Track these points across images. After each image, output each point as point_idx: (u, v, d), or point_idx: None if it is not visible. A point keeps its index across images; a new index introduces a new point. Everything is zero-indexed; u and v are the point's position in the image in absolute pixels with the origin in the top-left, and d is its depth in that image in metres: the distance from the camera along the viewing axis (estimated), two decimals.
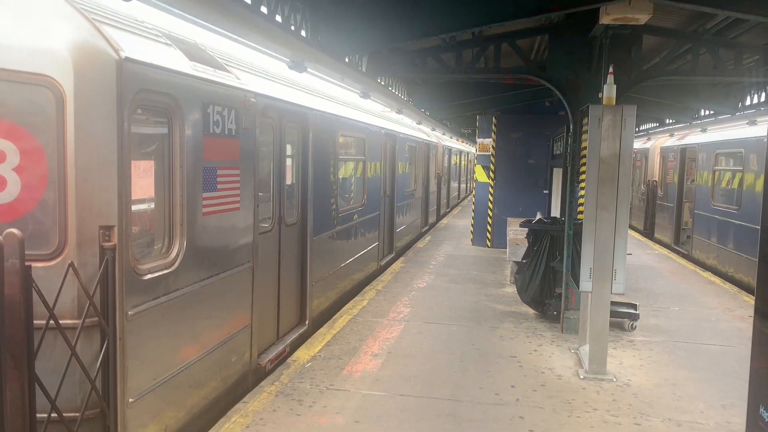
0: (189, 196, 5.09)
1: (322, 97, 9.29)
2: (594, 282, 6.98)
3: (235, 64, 6.44)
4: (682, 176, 17.61)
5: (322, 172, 8.90)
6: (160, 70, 4.61)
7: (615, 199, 6.84)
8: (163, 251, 4.98)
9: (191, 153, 5.09)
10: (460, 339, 8.31)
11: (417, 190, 18.43)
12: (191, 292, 5.23)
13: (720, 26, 8.77)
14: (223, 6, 4.46)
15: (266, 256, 7.12)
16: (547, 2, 6.15)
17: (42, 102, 3.91)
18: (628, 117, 6.73)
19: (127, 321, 4.33)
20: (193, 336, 5.35)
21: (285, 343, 7.67)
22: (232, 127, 5.78)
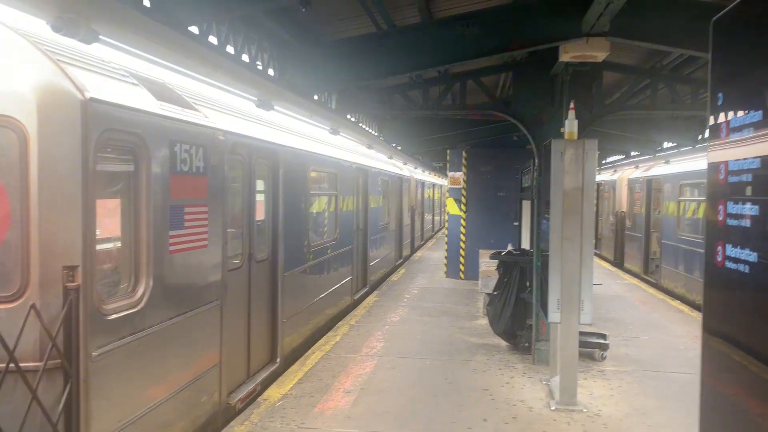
0: (155, 235, 5.08)
1: (293, 134, 9.38)
2: (562, 313, 7.06)
3: (204, 102, 6.51)
4: (648, 207, 17.98)
5: (294, 207, 8.93)
6: (126, 109, 4.65)
7: (580, 231, 6.97)
8: (128, 290, 4.95)
9: (158, 191, 5.10)
10: (433, 373, 8.30)
11: (390, 224, 18.50)
12: (158, 332, 5.18)
13: (676, 63, 9.12)
14: (186, 47, 4.53)
15: (235, 293, 7.07)
16: (507, 42, 6.36)
17: (5, 143, 3.94)
18: (589, 150, 6.91)
19: (91, 362, 4.27)
20: (160, 376, 5.28)
21: (255, 382, 7.57)
22: (200, 164, 5.82)
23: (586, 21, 6.09)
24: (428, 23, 6.86)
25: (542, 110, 8.76)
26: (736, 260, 2.12)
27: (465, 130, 14.29)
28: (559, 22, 6.30)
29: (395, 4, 6.67)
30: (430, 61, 6.77)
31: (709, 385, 2.38)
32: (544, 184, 8.73)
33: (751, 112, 2.05)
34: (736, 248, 2.11)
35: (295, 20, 6.69)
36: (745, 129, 2.10)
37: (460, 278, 16.77)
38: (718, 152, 2.29)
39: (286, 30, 6.54)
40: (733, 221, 2.16)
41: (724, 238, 2.22)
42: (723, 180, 2.25)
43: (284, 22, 6.43)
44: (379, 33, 6.93)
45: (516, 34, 6.36)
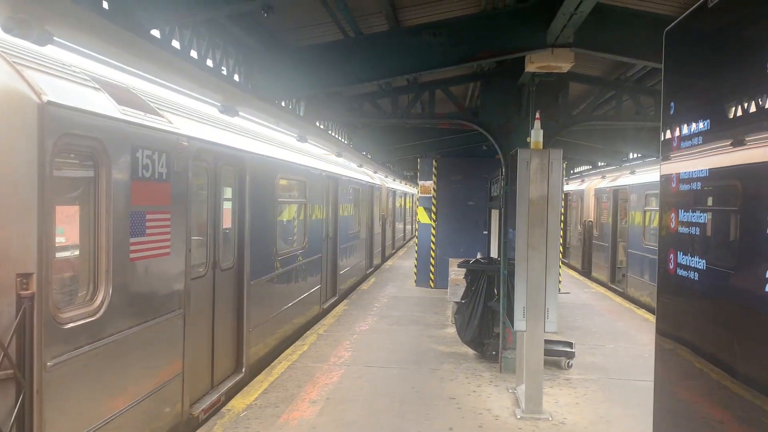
0: (116, 242, 5.00)
1: (261, 141, 9.32)
2: (527, 321, 7.09)
3: (169, 107, 6.44)
4: (615, 216, 18.25)
5: (261, 215, 8.84)
6: (85, 114, 4.58)
7: (545, 240, 7.03)
8: (87, 299, 4.85)
9: (118, 197, 5.03)
10: (400, 382, 8.26)
11: (361, 232, 18.47)
12: (117, 341, 5.08)
13: (639, 74, 9.28)
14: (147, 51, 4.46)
15: (199, 301, 6.98)
16: (474, 51, 6.39)
17: None
18: (554, 160, 6.97)
19: (45, 372, 4.15)
20: (119, 386, 5.19)
21: (220, 392, 7.45)
22: (162, 170, 5.74)
23: (551, 32, 6.16)
24: (396, 31, 6.88)
25: (509, 120, 8.83)
26: (687, 267, 2.14)
27: (435, 139, 14.35)
28: (525, 32, 6.36)
29: (362, 12, 6.66)
30: (397, 69, 6.77)
31: (662, 385, 2.41)
32: (511, 193, 8.80)
33: (700, 121, 2.08)
34: (687, 256, 2.14)
35: (261, 26, 6.64)
36: (695, 137, 2.13)
37: (430, 287, 16.79)
38: (671, 161, 2.32)
39: (251, 36, 6.48)
40: (684, 229, 2.18)
41: (676, 246, 2.25)
42: (675, 188, 2.27)
43: (250, 27, 6.37)
44: (346, 40, 6.92)
45: (483, 43, 6.40)
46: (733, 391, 1.83)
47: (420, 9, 6.83)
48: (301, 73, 6.94)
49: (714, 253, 1.95)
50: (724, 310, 1.86)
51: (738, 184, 1.83)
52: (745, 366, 1.76)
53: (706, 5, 2.03)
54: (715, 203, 1.96)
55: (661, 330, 2.43)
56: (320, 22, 6.79)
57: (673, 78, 2.39)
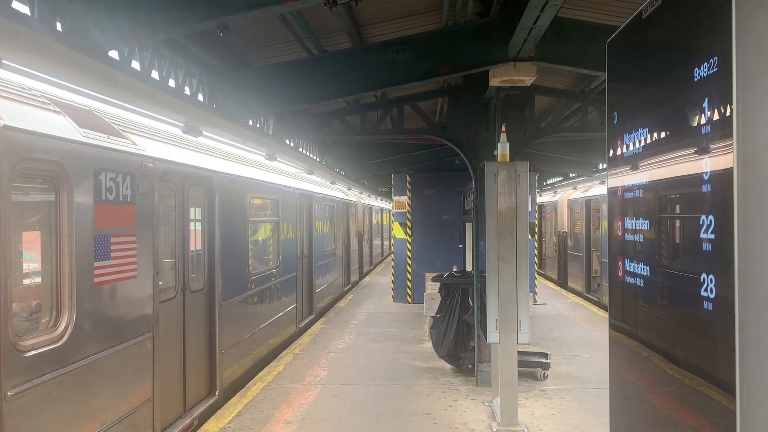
0: (79, 266, 4.94)
1: (230, 160, 9.30)
2: (500, 333, 7.10)
3: (133, 129, 6.40)
4: (588, 227, 18.42)
5: (232, 235, 8.78)
6: (44, 137, 4.54)
7: (515, 251, 7.06)
8: (50, 325, 4.77)
9: (81, 221, 4.98)
10: (376, 399, 8.20)
11: (337, 249, 18.42)
12: (83, 367, 4.99)
13: (603, 86, 9.43)
14: (103, 73, 4.42)
15: (169, 324, 6.89)
16: (437, 66, 6.45)
17: None
18: (521, 172, 7.03)
19: (5, 402, 4.05)
20: (86, 414, 5.08)
21: (193, 416, 7.34)
22: (127, 193, 5.71)
23: (512, 46, 6.24)
24: (359, 49, 6.92)
25: (477, 134, 8.90)
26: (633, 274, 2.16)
27: (407, 154, 14.41)
28: (487, 47, 6.44)
29: (325, 30, 6.70)
30: (362, 86, 6.80)
31: (615, 375, 2.45)
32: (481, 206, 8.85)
33: (640, 129, 2.11)
34: (633, 263, 2.16)
35: (224, 46, 6.64)
36: (636, 146, 2.16)
37: (407, 302, 16.75)
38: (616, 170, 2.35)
39: (214, 55, 6.47)
40: (629, 236, 2.21)
41: (623, 254, 2.27)
42: (620, 196, 2.30)
43: (212, 47, 6.36)
44: (310, 58, 6.95)
45: (446, 59, 6.47)
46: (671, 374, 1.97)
47: (383, 26, 6.89)
48: (266, 91, 6.93)
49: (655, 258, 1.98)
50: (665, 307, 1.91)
51: (675, 192, 1.87)
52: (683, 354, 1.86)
53: (640, 16, 2.07)
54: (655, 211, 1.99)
55: (613, 324, 2.49)
56: (283, 41, 6.81)
57: (615, 88, 2.43)
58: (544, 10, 5.17)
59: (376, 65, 6.59)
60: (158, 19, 4.10)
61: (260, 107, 7.02)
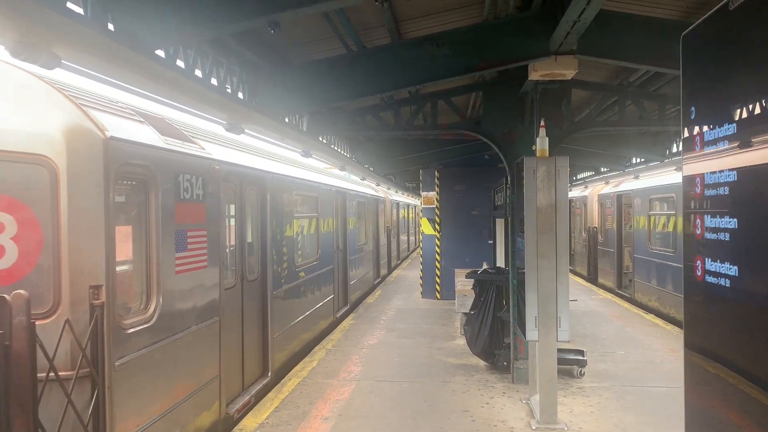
0: (164, 257, 5.54)
1: (277, 160, 9.90)
2: (539, 330, 7.03)
3: (199, 134, 6.99)
4: (620, 222, 18.19)
5: (280, 229, 9.40)
6: (138, 145, 5.14)
7: (554, 248, 6.98)
8: (141, 308, 5.37)
9: (165, 217, 5.56)
10: (412, 396, 8.18)
11: (368, 244, 18.85)
12: (167, 345, 5.59)
13: (642, 79, 9.28)
14: (153, 71, 4.46)
15: (231, 310, 7.48)
16: (476, 61, 6.39)
17: (38, 178, 4.40)
18: (561, 168, 6.94)
19: (114, 371, 4.68)
20: (169, 385, 5.68)
21: (250, 394, 7.95)
22: (199, 192, 6.32)
23: (554, 40, 6.15)
24: (398, 44, 6.87)
25: (512, 129, 8.81)
26: (717, 274, 2.09)
27: (437, 149, 14.34)
28: (528, 41, 6.35)
29: (365, 26, 6.67)
30: (400, 81, 6.76)
31: (693, 401, 2.34)
32: (517, 201, 8.77)
33: (724, 125, 2.04)
34: (716, 262, 2.09)
35: (264, 43, 6.65)
36: (719, 142, 2.09)
37: (436, 298, 16.70)
38: (694, 166, 2.28)
39: (255, 53, 6.48)
40: (711, 235, 2.14)
41: (703, 253, 2.20)
42: (699, 194, 2.24)
43: (253, 45, 6.37)
44: (349, 55, 6.92)
45: (485, 53, 6.39)
46: None
47: (422, 21, 6.84)
48: (305, 88, 6.94)
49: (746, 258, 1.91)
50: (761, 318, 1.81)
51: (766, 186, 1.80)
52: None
53: (727, 7, 2.00)
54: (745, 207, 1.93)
55: (690, 342, 2.37)
56: (323, 37, 6.80)
57: (692, 82, 2.35)
58: (591, 3, 5.07)
59: (414, 60, 6.54)
60: (209, 16, 4.11)
61: (299, 104, 7.03)
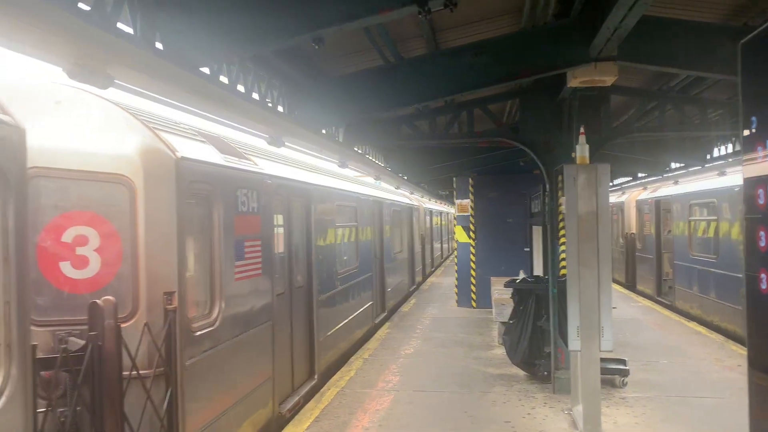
0: (225, 265, 6.00)
1: (319, 172, 10.42)
2: (582, 340, 6.93)
3: (250, 151, 7.42)
4: (658, 228, 17.85)
5: (323, 238, 9.88)
6: (203, 164, 5.62)
7: (596, 256, 6.88)
8: (206, 312, 5.80)
9: (226, 229, 6.02)
10: (451, 406, 8.13)
11: (403, 252, 19.17)
12: (228, 347, 6.04)
13: (683, 84, 9.11)
14: (200, 87, 4.54)
15: (281, 315, 7.91)
16: (516, 69, 6.36)
17: (118, 195, 4.81)
18: (602, 175, 6.86)
19: (185, 370, 5.10)
20: (230, 384, 6.13)
21: (299, 395, 8.39)
22: (254, 205, 6.77)
23: (594, 46, 6.09)
24: (436, 54, 6.89)
25: (550, 135, 8.74)
26: None
27: (470, 157, 14.29)
28: (567, 48, 6.30)
29: (402, 36, 6.70)
30: (438, 91, 6.77)
31: (760, 421, 2.27)
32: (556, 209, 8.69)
33: None
34: None
35: (303, 57, 6.73)
36: None
37: (471, 307, 16.58)
38: (757, 177, 2.23)
39: (294, 67, 6.56)
40: None
41: None
42: (763, 205, 2.18)
43: (293, 59, 6.46)
44: (386, 66, 6.95)
45: (525, 61, 6.36)
46: None
47: (459, 30, 6.84)
48: (343, 100, 6.99)
49: None
50: None
51: None
52: None
53: None
54: None
55: (755, 362, 2.29)
56: (360, 49, 6.85)
57: (752, 88, 2.30)
58: (633, 9, 5.01)
59: (453, 70, 6.54)
60: (255, 34, 4.18)
61: (336, 116, 7.09)
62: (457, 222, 17.10)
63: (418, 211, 23.37)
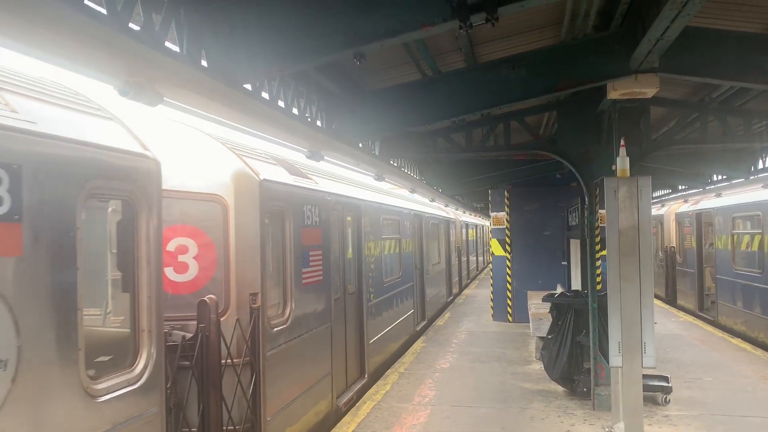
0: (295, 271, 6.96)
1: (366, 189, 11.44)
2: (623, 356, 6.78)
3: (311, 171, 8.46)
4: (700, 241, 17.44)
5: (371, 249, 10.79)
6: (278, 184, 6.60)
7: (638, 270, 6.75)
8: (280, 312, 6.74)
9: (295, 240, 6.99)
10: (489, 422, 8.04)
11: (441, 263, 19.77)
12: (297, 343, 6.97)
13: (726, 95, 8.93)
14: (243, 104, 4.63)
15: (337, 318, 8.78)
16: (555, 82, 6.32)
17: (213, 212, 5.76)
18: (643, 188, 6.73)
19: (266, 360, 6.02)
20: (298, 376, 7.05)
21: (352, 391, 9.28)
22: (317, 219, 7.78)
23: (635, 58, 6.02)
24: (474, 67, 6.88)
25: (589, 148, 8.64)
26: None
27: (506, 170, 14.20)
28: (607, 60, 6.24)
29: (440, 50, 6.72)
30: (476, 104, 6.76)
31: None
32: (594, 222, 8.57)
33: None
34: None
35: (342, 71, 6.79)
36: None
37: (508, 321, 16.40)
38: None
39: (332, 81, 6.63)
40: None
41: None
42: None
43: (331, 73, 6.53)
44: (424, 80, 6.98)
45: (563, 74, 6.32)
46: None
47: (497, 44, 6.83)
48: (380, 114, 7.04)
49: None
50: None
51: None
52: None
53: None
54: None
55: None
56: (398, 63, 6.89)
57: None
58: (675, 21, 4.95)
59: (490, 83, 6.53)
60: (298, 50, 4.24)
61: (374, 129, 7.13)
62: (493, 235, 16.97)
63: (455, 224, 23.72)
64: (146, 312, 4.05)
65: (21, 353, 2.99)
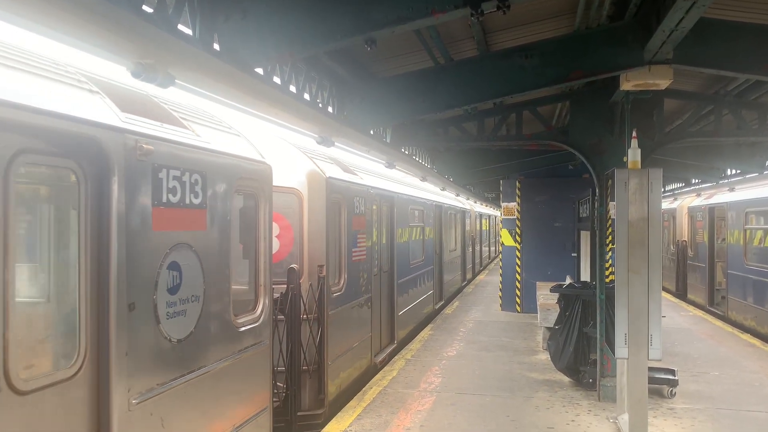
0: (348, 250, 8.81)
1: (399, 183, 13.04)
2: (630, 348, 6.80)
3: (357, 168, 10.21)
4: (712, 236, 17.32)
5: (401, 235, 12.55)
6: (338, 180, 8.40)
7: (646, 263, 6.75)
8: (336, 281, 8.56)
9: (348, 225, 8.80)
10: (494, 410, 8.09)
11: (457, 250, 21.44)
12: (349, 307, 8.90)
13: (741, 88, 8.84)
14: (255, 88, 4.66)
15: (375, 291, 10.67)
16: (567, 72, 6.28)
17: (292, 202, 7.64)
18: (654, 180, 6.72)
19: (329, 317, 7.91)
20: (349, 334, 8.99)
21: (385, 353, 11.23)
22: (362, 209, 9.59)
23: (649, 49, 5.98)
24: (486, 55, 6.85)
25: (601, 139, 8.60)
26: None
27: (518, 160, 14.15)
28: (621, 51, 6.19)
29: (452, 38, 6.70)
30: (488, 93, 6.74)
31: None
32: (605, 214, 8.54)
33: None
34: None
35: (353, 57, 6.80)
36: None
37: (516, 311, 16.43)
38: None
39: (344, 67, 6.64)
40: None
41: None
42: None
43: (343, 59, 6.54)
44: (436, 67, 6.97)
45: (576, 63, 6.28)
46: None
47: (511, 32, 6.80)
48: (392, 101, 7.04)
49: None
50: None
51: None
52: None
53: None
54: None
55: None
56: (411, 50, 6.88)
57: None
58: (690, 12, 4.90)
59: (503, 72, 6.51)
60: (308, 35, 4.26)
61: (386, 117, 7.14)
62: (503, 225, 16.95)
63: (469, 215, 25.07)
64: (263, 272, 5.68)
65: (206, 291, 4.59)
